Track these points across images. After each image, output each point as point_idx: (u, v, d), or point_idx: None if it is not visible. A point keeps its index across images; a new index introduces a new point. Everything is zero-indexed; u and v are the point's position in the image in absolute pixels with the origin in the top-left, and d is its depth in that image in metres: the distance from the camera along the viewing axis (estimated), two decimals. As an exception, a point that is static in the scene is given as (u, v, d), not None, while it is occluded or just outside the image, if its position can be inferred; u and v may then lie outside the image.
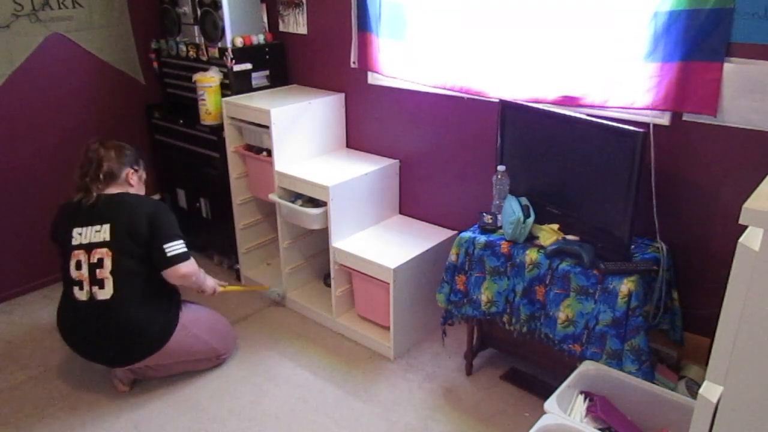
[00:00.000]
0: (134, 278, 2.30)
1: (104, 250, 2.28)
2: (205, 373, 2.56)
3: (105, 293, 2.27)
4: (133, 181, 2.47)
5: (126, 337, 2.31)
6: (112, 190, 2.40)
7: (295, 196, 2.83)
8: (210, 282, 2.59)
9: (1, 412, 2.36)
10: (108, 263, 2.27)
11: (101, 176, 2.37)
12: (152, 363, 2.39)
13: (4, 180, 3.00)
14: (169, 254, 2.30)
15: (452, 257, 2.31)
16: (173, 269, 2.31)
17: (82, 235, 2.32)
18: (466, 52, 2.44)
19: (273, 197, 2.85)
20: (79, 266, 2.30)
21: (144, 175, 2.56)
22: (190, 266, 2.36)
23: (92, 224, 2.31)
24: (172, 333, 2.35)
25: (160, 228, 2.32)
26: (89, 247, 2.30)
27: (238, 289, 3.05)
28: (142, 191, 2.53)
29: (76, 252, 2.31)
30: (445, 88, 2.53)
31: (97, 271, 2.28)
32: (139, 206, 2.36)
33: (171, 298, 2.43)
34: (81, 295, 2.31)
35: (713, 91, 1.92)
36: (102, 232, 2.30)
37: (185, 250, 2.36)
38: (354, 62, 2.87)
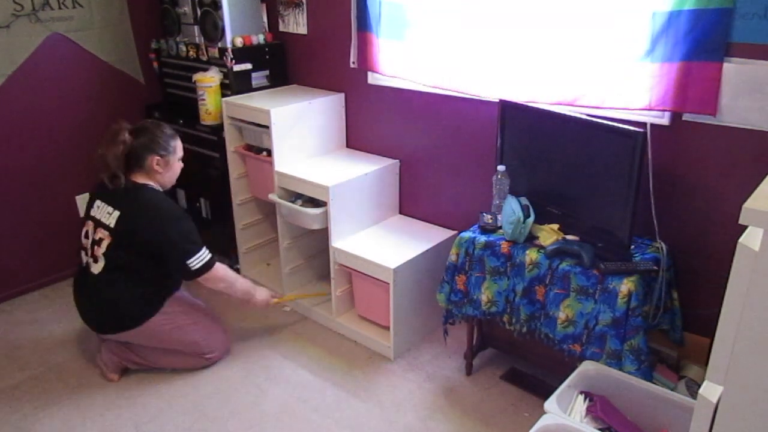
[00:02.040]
0: (123, 265, 2.38)
1: (106, 233, 2.38)
2: (205, 373, 2.56)
3: (96, 267, 2.40)
4: (159, 169, 2.44)
5: (104, 308, 2.45)
6: (138, 177, 2.42)
7: (295, 196, 2.83)
8: (251, 289, 2.61)
9: (1, 412, 2.36)
10: (104, 245, 2.38)
11: (126, 163, 2.39)
12: (130, 339, 2.47)
13: (4, 180, 3.00)
14: (194, 269, 2.38)
15: (452, 257, 2.31)
16: (203, 279, 2.43)
17: (99, 209, 2.45)
18: (465, 52, 2.44)
19: (273, 197, 2.85)
20: (87, 235, 2.46)
21: (172, 161, 2.48)
22: (209, 280, 2.45)
23: (109, 204, 2.40)
24: (149, 318, 2.41)
25: (176, 244, 2.36)
26: (97, 224, 2.42)
27: (302, 297, 2.80)
28: (168, 178, 2.50)
29: (89, 222, 2.46)
30: (443, 88, 2.53)
31: (95, 247, 2.41)
32: (152, 212, 2.36)
33: (158, 291, 2.47)
34: (84, 259, 2.48)
35: (713, 91, 1.92)
36: (111, 217, 2.38)
37: (206, 260, 2.40)
38: (353, 62, 2.87)
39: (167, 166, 2.47)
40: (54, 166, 3.16)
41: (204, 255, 2.41)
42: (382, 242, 2.73)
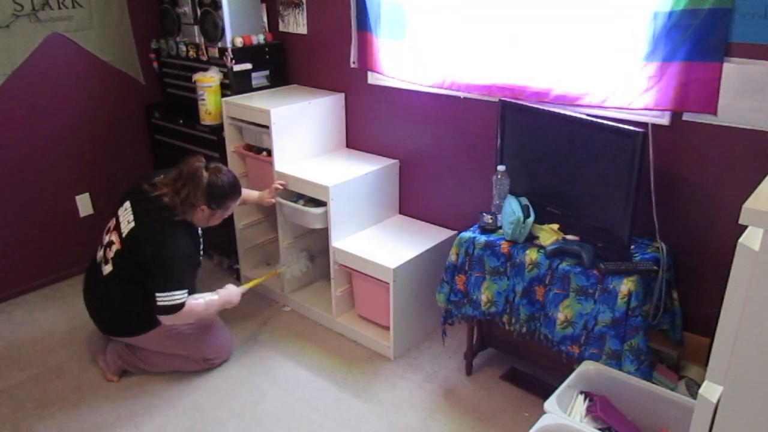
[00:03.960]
0: (128, 276, 2.37)
1: (118, 239, 2.37)
2: (204, 373, 2.56)
3: (106, 269, 2.41)
4: (198, 215, 2.36)
5: (107, 313, 2.48)
6: (179, 207, 2.30)
7: (296, 196, 2.83)
8: (225, 299, 2.47)
9: (1, 412, 2.36)
10: (113, 250, 2.38)
11: (178, 197, 2.30)
12: (133, 343, 2.48)
13: (3, 180, 3.00)
14: (158, 304, 2.26)
15: (452, 257, 2.31)
16: (163, 320, 2.31)
17: (125, 212, 2.40)
18: (465, 50, 2.44)
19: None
20: (107, 231, 2.46)
21: (217, 215, 2.42)
22: (175, 319, 2.30)
23: (133, 211, 2.37)
24: (151, 329, 2.40)
25: (156, 275, 2.27)
26: (117, 226, 2.41)
27: (259, 281, 2.79)
28: (200, 222, 2.41)
29: (113, 219, 2.46)
30: (444, 87, 2.53)
31: (107, 249, 2.42)
32: (158, 240, 2.29)
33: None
34: (98, 255, 2.48)
35: (713, 91, 1.92)
36: (128, 226, 2.36)
37: (173, 304, 2.25)
38: (354, 62, 2.87)
39: (210, 217, 2.41)
40: (54, 166, 3.16)
41: (174, 297, 2.25)
42: (382, 242, 2.73)
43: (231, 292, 2.51)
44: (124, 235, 2.35)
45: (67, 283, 3.27)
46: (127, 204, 2.41)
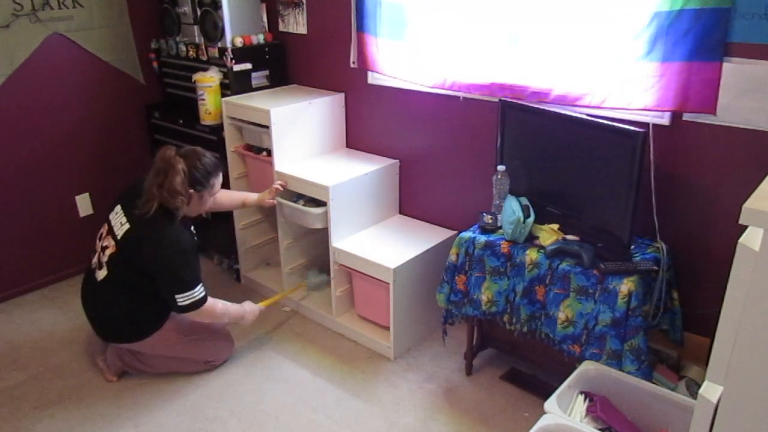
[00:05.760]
0: (124, 280, 2.36)
1: (113, 242, 2.35)
2: (204, 373, 2.56)
3: (100, 274, 2.39)
4: (188, 203, 2.31)
5: (104, 320, 2.46)
6: (167, 200, 2.26)
7: (297, 196, 2.83)
8: (241, 312, 2.55)
9: (1, 412, 2.36)
10: (107, 254, 2.36)
11: (162, 191, 2.24)
12: (133, 348, 2.46)
13: (3, 180, 3.00)
14: (180, 305, 2.30)
15: (452, 257, 2.31)
16: (189, 315, 2.36)
17: (116, 215, 2.39)
18: (466, 50, 2.44)
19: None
20: (100, 237, 2.45)
21: (206, 196, 2.37)
22: (197, 315, 2.37)
23: (125, 214, 2.34)
24: (150, 335, 2.39)
25: (170, 277, 2.28)
26: (109, 230, 2.40)
27: (278, 298, 2.89)
28: (193, 210, 2.39)
29: (105, 225, 2.44)
30: (445, 87, 2.53)
31: (101, 254, 2.40)
32: (157, 239, 2.26)
33: (159, 310, 2.40)
34: (93, 261, 2.46)
35: (713, 91, 1.92)
36: (122, 228, 2.34)
37: (196, 300, 2.31)
38: (354, 62, 2.87)
39: (199, 201, 2.36)
40: (54, 166, 3.16)
41: (195, 294, 2.30)
42: (382, 242, 2.73)
43: (248, 310, 2.59)
44: (119, 237, 2.32)
45: (67, 283, 3.27)
46: (118, 208, 2.39)
